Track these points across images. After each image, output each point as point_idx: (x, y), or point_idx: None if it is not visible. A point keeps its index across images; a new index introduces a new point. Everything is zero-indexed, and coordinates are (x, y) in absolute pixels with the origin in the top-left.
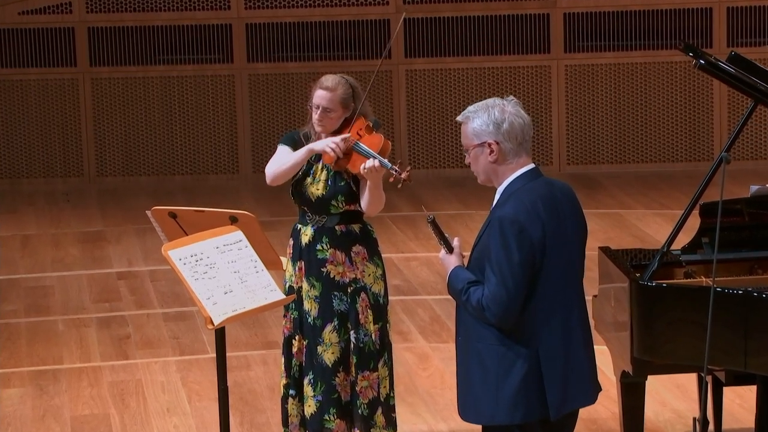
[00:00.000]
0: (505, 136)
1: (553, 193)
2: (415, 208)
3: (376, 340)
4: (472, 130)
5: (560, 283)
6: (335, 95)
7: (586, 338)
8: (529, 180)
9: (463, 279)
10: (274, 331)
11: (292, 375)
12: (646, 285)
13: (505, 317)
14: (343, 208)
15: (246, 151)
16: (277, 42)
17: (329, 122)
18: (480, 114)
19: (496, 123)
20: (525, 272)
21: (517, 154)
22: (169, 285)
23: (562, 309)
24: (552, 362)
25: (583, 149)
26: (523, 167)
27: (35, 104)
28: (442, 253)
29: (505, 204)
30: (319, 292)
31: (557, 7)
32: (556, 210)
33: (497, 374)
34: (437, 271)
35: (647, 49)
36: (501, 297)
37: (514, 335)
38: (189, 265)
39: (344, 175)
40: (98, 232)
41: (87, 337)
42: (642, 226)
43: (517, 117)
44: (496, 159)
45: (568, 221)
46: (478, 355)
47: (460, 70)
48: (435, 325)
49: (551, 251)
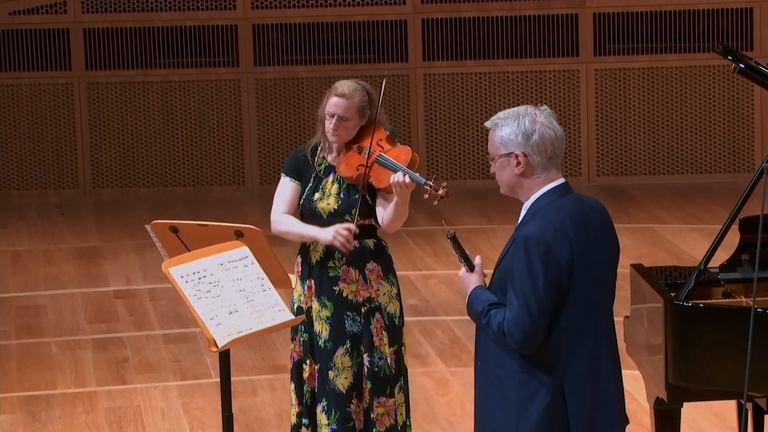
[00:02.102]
0: (534, 149)
1: (583, 211)
2: (433, 222)
3: (392, 363)
4: (499, 139)
5: (588, 309)
6: (352, 103)
7: (615, 368)
8: (557, 196)
9: (483, 300)
10: (282, 354)
11: (304, 402)
12: (682, 305)
13: (526, 343)
14: (358, 223)
15: (252, 162)
16: (286, 44)
17: (344, 132)
18: (510, 122)
19: (526, 134)
20: (550, 296)
21: (546, 169)
22: (169, 304)
23: (590, 336)
24: (577, 392)
25: (614, 160)
26: (551, 182)
27: (27, 111)
28: (462, 272)
29: (530, 222)
30: (331, 312)
31: (586, 7)
32: (586, 229)
33: (518, 403)
34: (457, 290)
35: (683, 52)
36: (523, 322)
37: (537, 362)
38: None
39: (358, 188)
40: (94, 248)
41: (82, 361)
42: (677, 242)
43: (548, 129)
44: (522, 172)
45: (599, 242)
46: (498, 383)
47: (482, 74)
48: (455, 348)
49: (579, 274)
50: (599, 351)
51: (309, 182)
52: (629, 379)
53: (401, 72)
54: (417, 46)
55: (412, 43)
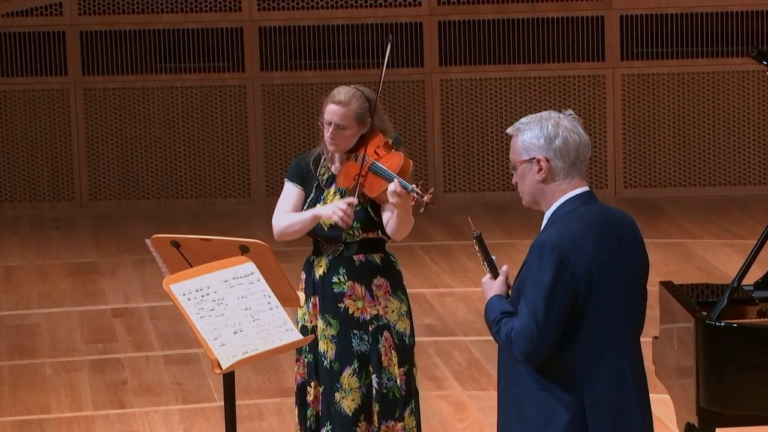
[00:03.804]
0: (557, 153)
1: (607, 222)
2: (449, 236)
3: (402, 385)
4: (521, 144)
5: (612, 325)
6: (349, 110)
7: (641, 390)
8: (580, 204)
9: (497, 309)
10: (289, 377)
11: (308, 427)
12: (714, 325)
13: (532, 354)
14: (360, 236)
15: (259, 172)
16: (295, 48)
17: (343, 140)
18: (532, 126)
19: (548, 137)
20: (563, 307)
21: (569, 175)
22: (170, 324)
23: (613, 354)
24: (599, 413)
25: (642, 171)
26: (575, 189)
27: (20, 118)
28: (485, 278)
29: (549, 229)
30: (336, 330)
31: (613, 9)
32: (610, 242)
33: (536, 423)
34: (476, 309)
35: (715, 56)
36: (530, 331)
37: (555, 379)
38: (194, 301)
39: (360, 199)
40: (91, 264)
41: (78, 383)
42: (709, 258)
43: (572, 133)
44: (544, 178)
45: (624, 255)
46: (516, 401)
47: (501, 80)
48: (473, 371)
49: (600, 288)
50: (623, 371)
51: (311, 192)
52: (658, 404)
53: (416, 78)
54: (433, 50)
55: (428, 47)
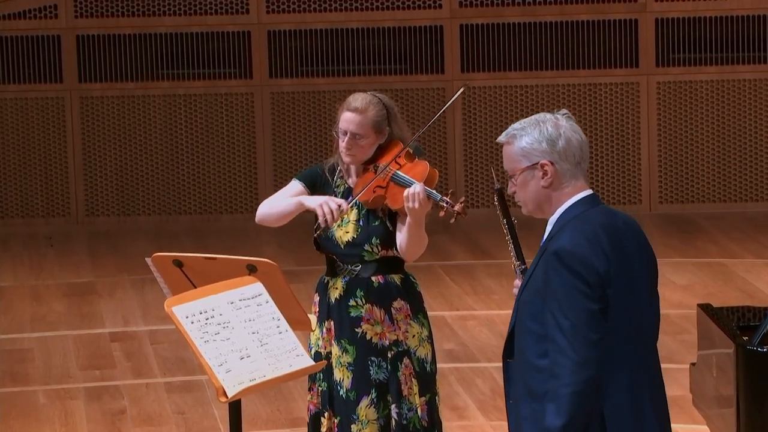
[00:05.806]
0: (562, 155)
1: (615, 224)
2: (471, 255)
3: (423, 415)
4: (520, 150)
5: (627, 335)
6: (365, 118)
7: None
8: (588, 206)
9: None
10: (300, 406)
11: None
12: (756, 351)
13: (581, 377)
14: (378, 254)
15: (267, 185)
16: (305, 53)
17: (359, 151)
18: (529, 130)
19: (551, 140)
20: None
21: (574, 177)
22: (172, 348)
23: (628, 367)
24: (617, 424)
25: (679, 185)
26: (580, 192)
27: (12, 128)
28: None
29: (559, 235)
30: (353, 357)
31: (647, 11)
32: (620, 245)
33: None
34: (500, 332)
35: (757, 62)
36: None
37: None
38: (197, 324)
39: (379, 213)
40: (87, 284)
41: (73, 412)
42: (751, 279)
43: (573, 133)
44: (550, 183)
45: (635, 259)
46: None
47: (527, 87)
48: (497, 399)
49: (616, 293)
50: (641, 388)
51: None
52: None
53: (436, 85)
54: (454, 56)
55: (449, 52)
